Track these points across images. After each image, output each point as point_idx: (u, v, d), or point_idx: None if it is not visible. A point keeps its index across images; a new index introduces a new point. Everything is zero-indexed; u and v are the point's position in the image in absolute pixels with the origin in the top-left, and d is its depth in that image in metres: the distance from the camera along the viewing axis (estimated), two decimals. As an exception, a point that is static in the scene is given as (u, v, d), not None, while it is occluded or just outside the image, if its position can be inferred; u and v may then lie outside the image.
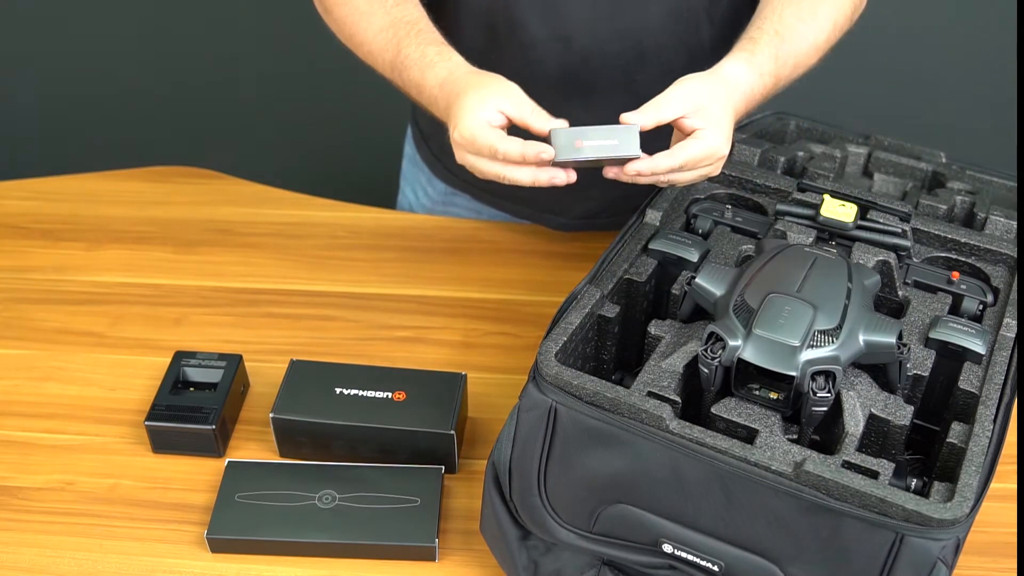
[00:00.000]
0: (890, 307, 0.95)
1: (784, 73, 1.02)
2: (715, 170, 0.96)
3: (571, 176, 0.93)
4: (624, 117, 0.92)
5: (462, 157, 0.96)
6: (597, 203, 1.30)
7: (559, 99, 1.19)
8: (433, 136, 1.38)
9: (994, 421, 0.82)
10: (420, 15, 1.08)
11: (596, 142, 0.92)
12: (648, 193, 1.06)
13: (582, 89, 1.18)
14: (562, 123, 0.93)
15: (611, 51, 1.15)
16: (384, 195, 1.64)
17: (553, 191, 0.98)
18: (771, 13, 1.04)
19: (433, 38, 1.05)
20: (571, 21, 1.12)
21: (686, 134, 0.94)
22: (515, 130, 0.94)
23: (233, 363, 1.12)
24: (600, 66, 1.16)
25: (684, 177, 0.94)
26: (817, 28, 1.05)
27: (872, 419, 0.83)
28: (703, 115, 0.93)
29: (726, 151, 0.95)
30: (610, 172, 0.94)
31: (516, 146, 0.90)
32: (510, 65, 1.16)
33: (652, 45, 1.15)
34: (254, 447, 1.09)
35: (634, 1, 1.12)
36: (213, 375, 1.11)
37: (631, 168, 0.92)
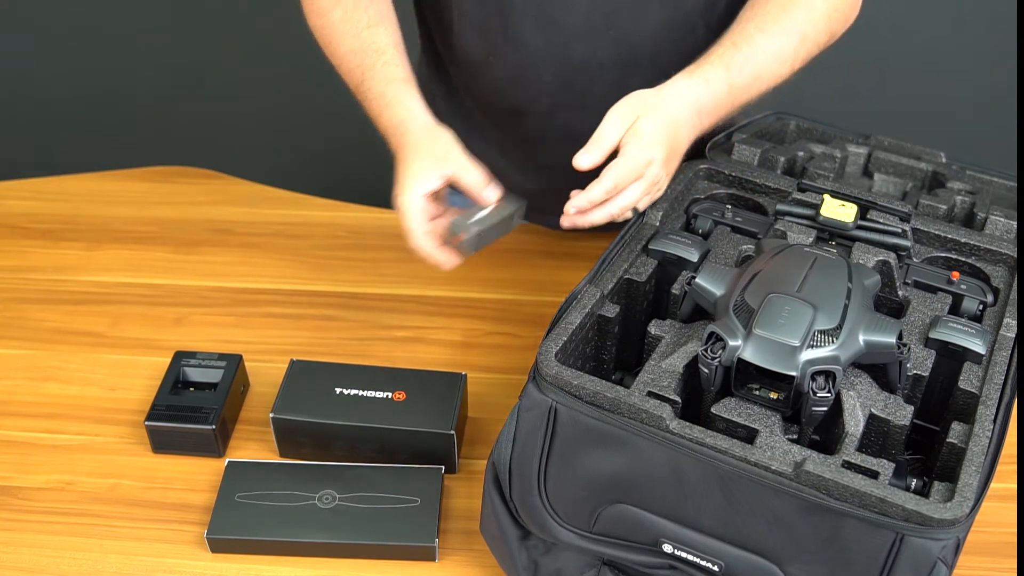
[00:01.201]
0: (890, 307, 0.95)
1: (740, 80, 1.02)
2: (656, 179, 0.97)
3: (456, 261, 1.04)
4: (576, 161, 0.94)
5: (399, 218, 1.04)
6: None
7: (555, 105, 1.19)
8: None
9: (994, 421, 0.82)
10: (389, 42, 1.10)
11: (484, 215, 1.02)
12: None
13: (578, 94, 1.18)
14: (490, 193, 1.02)
15: (607, 58, 1.15)
16: (384, 195, 1.64)
17: (555, 192, 1.01)
18: (735, 26, 1.06)
19: (396, 73, 1.08)
20: (567, 29, 1.13)
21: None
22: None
23: (233, 363, 1.12)
24: (596, 73, 1.16)
25: (628, 198, 0.96)
26: (783, 39, 1.05)
27: (872, 419, 0.83)
28: (630, 131, 0.95)
29: (654, 157, 0.95)
30: (565, 221, 0.97)
31: (423, 250, 1.03)
32: (507, 72, 1.17)
33: (647, 51, 1.15)
34: (254, 447, 1.09)
35: (629, 10, 1.12)
36: (213, 375, 1.11)
37: (570, 207, 0.94)
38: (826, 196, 0.98)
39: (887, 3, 1.92)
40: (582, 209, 0.95)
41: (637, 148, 0.95)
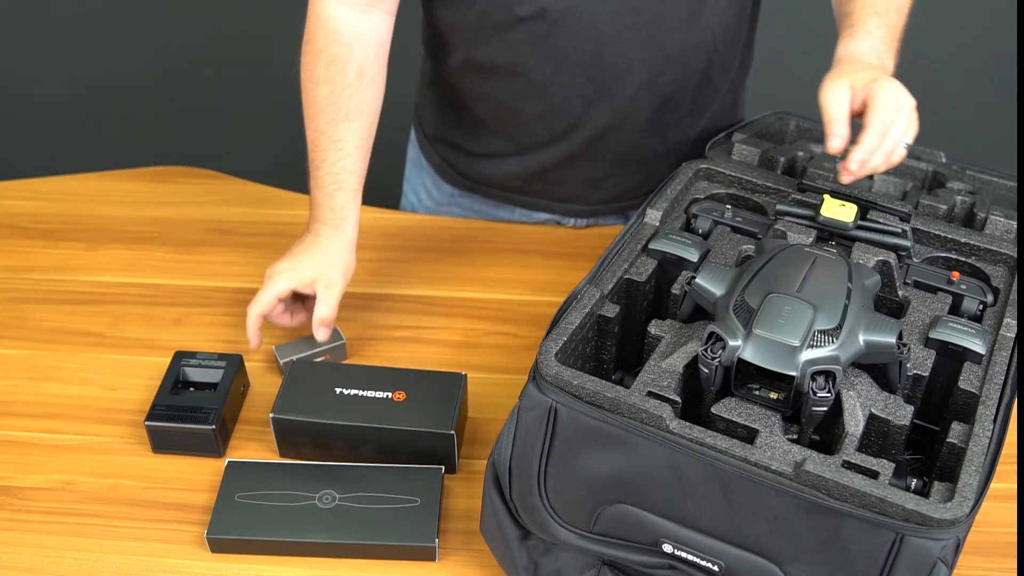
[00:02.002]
0: (890, 307, 0.95)
1: (891, 21, 1.07)
2: (911, 104, 0.98)
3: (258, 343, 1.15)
4: (830, 147, 0.96)
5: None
6: (611, 192, 1.32)
7: (586, 105, 1.20)
8: (439, 140, 1.38)
9: (994, 421, 0.82)
10: (356, 145, 1.14)
11: (306, 354, 1.15)
12: (657, 183, 1.06)
13: (609, 94, 1.20)
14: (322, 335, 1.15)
15: (637, 59, 1.17)
16: (386, 196, 1.64)
17: (569, 183, 1.12)
18: None
19: (350, 182, 1.15)
20: (597, 32, 1.14)
21: (860, 111, 0.97)
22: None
23: (233, 363, 1.12)
24: (627, 73, 1.18)
25: (897, 133, 0.96)
26: None
27: (872, 419, 0.83)
28: (862, 87, 0.96)
29: (896, 85, 0.97)
30: (846, 176, 0.97)
31: (248, 320, 1.14)
32: (538, 76, 1.17)
33: (675, 47, 1.17)
34: (254, 447, 1.09)
35: (654, 13, 1.13)
36: (213, 375, 1.11)
37: (852, 163, 0.95)
38: (826, 196, 0.98)
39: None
40: (863, 160, 0.95)
41: (881, 87, 0.96)
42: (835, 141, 0.96)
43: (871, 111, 0.95)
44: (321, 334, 1.14)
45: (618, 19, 1.13)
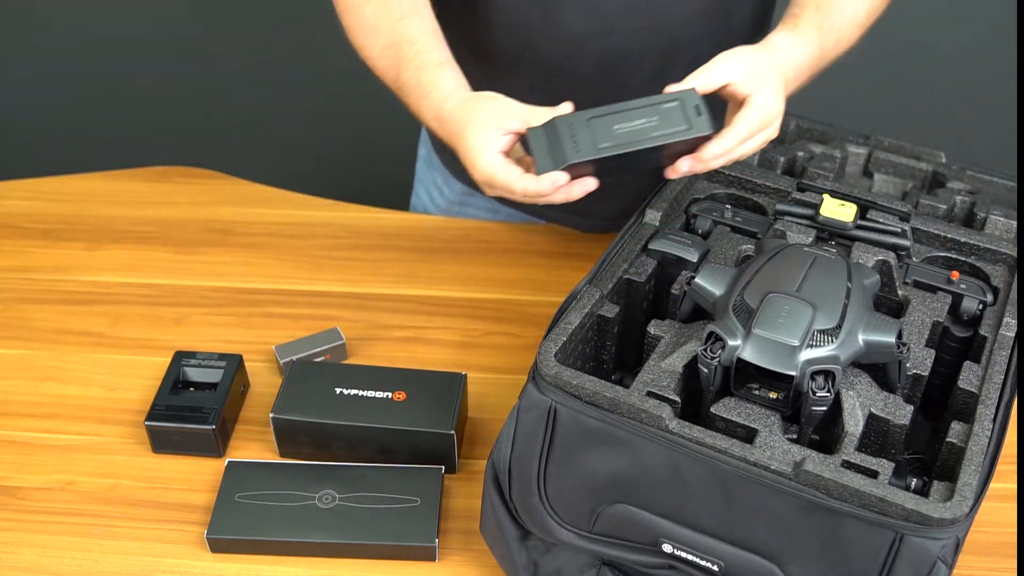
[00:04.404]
0: (890, 307, 0.95)
1: (828, 46, 1.03)
2: (774, 132, 0.96)
3: (592, 184, 0.91)
4: (669, 88, 0.90)
5: (491, 193, 0.95)
6: (624, 203, 1.30)
7: (594, 94, 1.19)
8: None
9: (994, 420, 0.82)
10: (423, 30, 1.06)
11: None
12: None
13: (617, 83, 1.17)
14: (564, 107, 0.90)
15: (647, 46, 1.15)
16: (395, 195, 1.64)
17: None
18: None
19: (428, 59, 1.03)
20: (608, 15, 1.12)
21: (739, 102, 0.94)
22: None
23: (233, 363, 1.12)
24: (637, 60, 1.16)
25: (748, 147, 0.94)
26: (857, 4, 1.06)
27: (872, 419, 0.83)
28: (751, 79, 0.93)
29: (781, 109, 0.95)
30: (681, 167, 0.91)
31: (531, 185, 0.89)
32: (545, 64, 1.16)
33: (686, 38, 1.15)
34: (254, 447, 1.09)
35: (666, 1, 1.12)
36: (213, 375, 1.11)
37: (708, 154, 0.90)
38: (826, 196, 0.98)
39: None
40: (716, 156, 0.91)
41: (769, 98, 0.93)
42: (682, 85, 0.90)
43: (747, 113, 0.92)
44: (567, 105, 0.92)
45: (630, 4, 1.12)
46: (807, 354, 0.80)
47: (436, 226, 1.40)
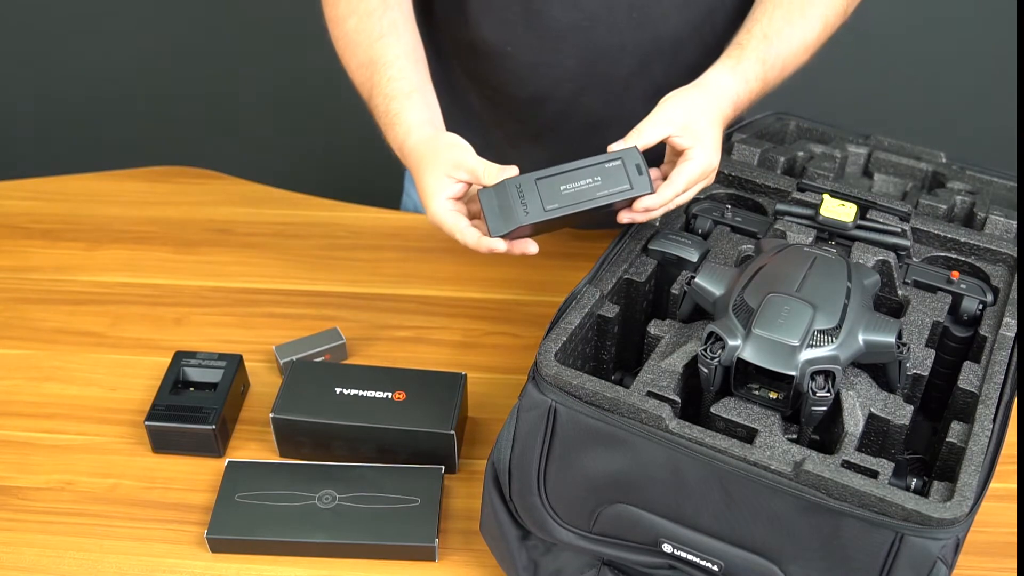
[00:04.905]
0: (890, 307, 0.95)
1: (772, 75, 1.03)
2: (710, 181, 0.98)
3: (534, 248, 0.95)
4: (612, 148, 0.92)
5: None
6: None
7: (577, 91, 1.19)
8: None
9: (994, 420, 0.82)
10: (398, 53, 1.07)
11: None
12: None
13: (600, 80, 1.18)
14: (511, 170, 0.93)
15: (629, 39, 1.15)
16: (385, 195, 1.64)
17: None
18: (761, 15, 1.05)
19: (398, 88, 1.04)
20: (590, 10, 1.13)
21: (677, 153, 0.95)
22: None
23: (233, 363, 1.12)
24: (619, 54, 1.16)
25: (684, 199, 0.96)
26: (807, 28, 1.05)
27: (872, 419, 0.83)
28: (690, 133, 0.94)
29: (716, 162, 0.96)
30: (622, 219, 0.94)
31: (471, 241, 0.94)
32: (528, 59, 1.16)
33: (668, 34, 1.16)
34: (254, 447, 1.09)
35: None
36: (213, 375, 1.11)
37: (641, 205, 0.92)
38: (826, 196, 0.98)
39: (887, 3, 1.92)
40: (651, 208, 0.93)
41: (704, 154, 0.94)
42: (623, 145, 0.92)
43: (684, 169, 0.94)
44: (510, 169, 0.94)
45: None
46: (807, 354, 0.80)
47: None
